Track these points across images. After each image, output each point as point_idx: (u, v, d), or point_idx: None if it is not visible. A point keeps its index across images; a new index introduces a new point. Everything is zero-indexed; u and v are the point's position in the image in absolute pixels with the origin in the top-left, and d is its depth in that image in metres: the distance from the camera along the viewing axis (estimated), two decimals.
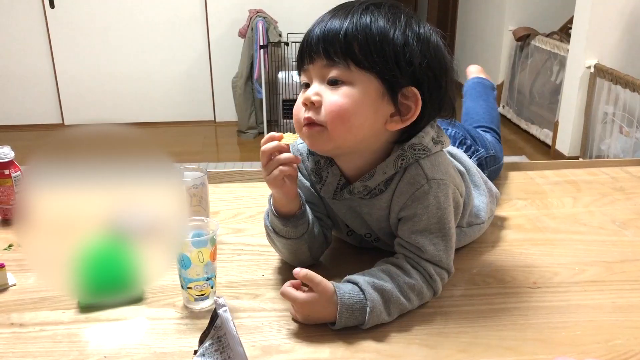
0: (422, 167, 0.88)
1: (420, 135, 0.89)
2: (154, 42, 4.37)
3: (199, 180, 1.03)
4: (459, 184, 0.94)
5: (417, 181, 0.87)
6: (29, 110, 4.46)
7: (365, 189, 0.90)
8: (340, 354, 0.77)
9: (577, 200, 1.25)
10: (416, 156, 0.88)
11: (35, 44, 4.30)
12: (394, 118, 0.86)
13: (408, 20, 0.85)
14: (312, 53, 0.86)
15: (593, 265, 0.99)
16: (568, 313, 0.86)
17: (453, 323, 0.84)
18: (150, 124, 4.55)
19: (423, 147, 0.88)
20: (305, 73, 0.89)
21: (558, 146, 3.68)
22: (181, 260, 0.84)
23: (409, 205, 0.88)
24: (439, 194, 0.87)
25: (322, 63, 0.85)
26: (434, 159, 0.89)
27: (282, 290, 0.82)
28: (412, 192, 0.88)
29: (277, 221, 0.91)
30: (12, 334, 0.82)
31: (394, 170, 0.88)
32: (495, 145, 1.30)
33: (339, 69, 0.84)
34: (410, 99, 0.85)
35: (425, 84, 0.85)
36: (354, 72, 0.83)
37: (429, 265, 0.87)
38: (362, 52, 0.83)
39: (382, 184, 0.90)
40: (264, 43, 3.91)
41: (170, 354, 0.77)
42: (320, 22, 0.87)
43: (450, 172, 0.91)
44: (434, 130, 0.91)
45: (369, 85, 0.84)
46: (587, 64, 3.35)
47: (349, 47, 0.83)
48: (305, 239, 0.93)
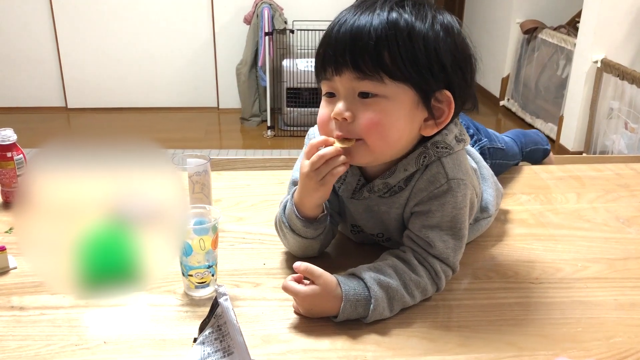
0: (444, 166, 0.87)
1: (444, 133, 0.87)
2: (158, 27, 4.35)
3: (202, 167, 1.03)
4: (477, 184, 0.93)
5: (437, 179, 0.86)
6: (33, 92, 4.45)
7: (385, 186, 0.89)
8: (340, 345, 0.77)
9: (581, 196, 1.24)
10: (439, 154, 0.87)
11: (39, 26, 4.29)
12: (428, 122, 0.84)
13: (434, 17, 0.81)
14: (339, 64, 0.81)
15: (596, 262, 0.98)
16: (570, 309, 0.86)
17: (454, 317, 0.83)
18: (154, 109, 4.54)
19: (446, 145, 0.87)
20: (329, 83, 0.84)
21: (562, 141, 3.67)
22: (182, 248, 0.84)
23: (425, 202, 0.87)
24: (457, 194, 0.86)
25: (351, 76, 0.80)
26: (456, 157, 0.88)
27: (283, 284, 0.81)
28: (431, 190, 0.87)
29: (297, 222, 0.90)
30: (12, 317, 0.81)
31: (415, 168, 0.87)
32: (508, 142, 1.29)
33: (371, 82, 0.80)
34: (443, 102, 0.83)
35: (456, 84, 0.83)
36: (388, 85, 0.80)
37: (436, 261, 0.86)
38: (394, 62, 0.79)
39: (402, 182, 0.89)
40: (269, 30, 3.89)
41: (169, 341, 0.77)
42: (341, 25, 0.81)
43: (469, 172, 0.90)
44: (457, 128, 0.89)
45: (404, 97, 0.81)
46: (594, 58, 3.33)
47: (379, 57, 0.78)
48: (320, 239, 0.93)
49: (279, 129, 4.12)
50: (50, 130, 4.12)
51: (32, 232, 1.06)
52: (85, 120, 4.39)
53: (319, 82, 0.87)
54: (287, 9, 4.19)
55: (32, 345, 0.76)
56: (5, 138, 1.11)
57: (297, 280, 0.82)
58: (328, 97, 0.86)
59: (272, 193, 1.22)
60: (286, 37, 4.10)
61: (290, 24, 4.13)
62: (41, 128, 4.10)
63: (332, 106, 0.84)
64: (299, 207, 0.90)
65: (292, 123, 4.07)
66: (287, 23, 4.07)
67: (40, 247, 1.00)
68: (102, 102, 4.50)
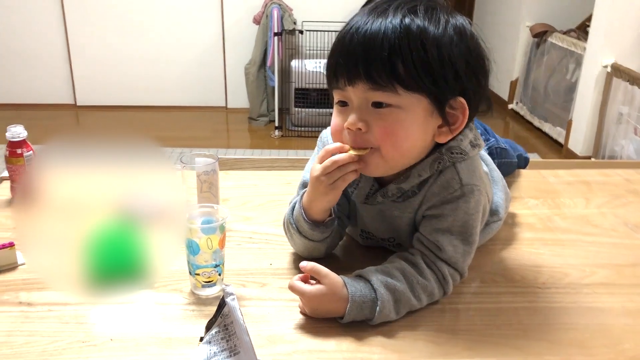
0: (458, 172, 0.86)
1: (459, 139, 0.86)
2: (168, 26, 4.37)
3: (210, 166, 1.03)
4: (490, 190, 0.93)
5: (450, 185, 0.86)
6: (42, 90, 4.48)
7: (399, 191, 0.89)
8: (345, 347, 0.77)
9: (589, 201, 1.23)
10: (453, 160, 0.86)
11: (50, 24, 4.31)
12: (443, 129, 0.84)
13: (447, 22, 0.80)
14: (352, 75, 0.80)
15: (604, 268, 0.98)
16: (577, 315, 0.85)
17: (461, 320, 0.83)
18: (162, 107, 4.56)
19: (461, 151, 0.86)
20: (341, 92, 0.83)
21: (570, 145, 3.65)
22: (190, 246, 0.84)
23: (437, 206, 0.87)
24: (470, 200, 0.86)
25: (364, 87, 0.79)
26: (471, 163, 0.88)
27: (289, 283, 0.81)
28: (444, 195, 0.86)
29: (305, 224, 0.90)
30: (20, 313, 0.82)
31: (429, 173, 0.86)
32: (510, 142, 1.29)
33: (384, 93, 0.79)
34: (457, 109, 0.83)
35: (470, 90, 0.82)
36: (402, 95, 0.79)
37: (444, 265, 0.86)
38: (407, 73, 0.77)
39: (416, 187, 0.88)
40: (278, 30, 3.89)
41: (176, 340, 0.77)
42: (353, 34, 0.79)
43: (483, 178, 0.90)
44: (472, 133, 0.89)
45: (418, 106, 0.80)
46: (604, 63, 3.32)
47: (393, 69, 0.77)
48: (327, 242, 0.93)
49: (286, 129, 4.12)
50: (59, 127, 4.14)
51: (40, 228, 1.07)
52: (93, 117, 4.41)
53: (331, 90, 0.86)
54: (297, 9, 4.20)
55: (39, 342, 0.76)
56: (16, 134, 1.12)
57: (304, 280, 0.82)
58: (340, 106, 0.85)
59: (279, 193, 1.22)
60: (295, 37, 4.11)
61: (300, 24, 4.13)
62: (50, 125, 4.12)
63: (345, 116, 0.84)
64: (307, 210, 0.90)
65: (300, 123, 4.08)
66: (296, 24, 4.08)
67: (48, 244, 1.00)
68: (111, 100, 4.52)
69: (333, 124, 0.87)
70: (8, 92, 4.44)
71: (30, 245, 0.99)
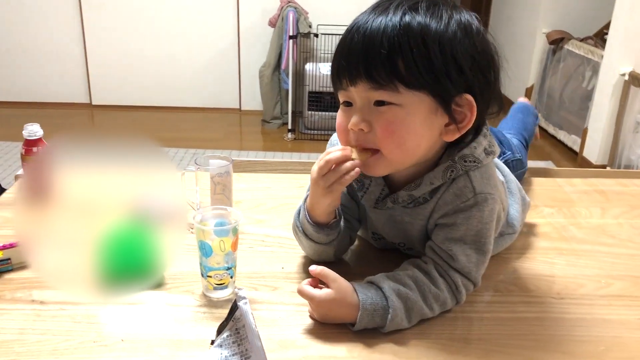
0: (471, 180, 0.84)
1: (473, 146, 0.85)
2: (184, 28, 4.39)
3: (224, 168, 1.03)
4: (504, 198, 0.91)
5: (463, 194, 0.84)
6: (58, 88, 4.52)
7: (410, 197, 0.88)
8: (357, 353, 0.76)
9: (605, 211, 1.22)
10: (466, 168, 0.84)
11: (67, 23, 4.36)
12: (450, 127, 0.82)
13: (451, 17, 0.78)
14: (353, 75, 0.79)
15: (620, 280, 0.96)
16: (592, 327, 0.84)
17: (474, 329, 0.82)
18: (176, 108, 4.58)
19: (475, 159, 0.84)
20: (345, 92, 0.83)
21: (585, 153, 3.62)
22: (202, 248, 0.84)
23: (450, 214, 0.85)
24: (484, 209, 0.84)
25: (366, 86, 0.79)
26: (484, 170, 0.86)
27: (298, 288, 0.81)
28: (457, 203, 0.85)
29: (309, 227, 0.89)
30: (32, 311, 0.82)
31: (442, 181, 0.85)
32: (521, 149, 1.27)
33: (385, 91, 0.78)
34: (464, 106, 0.80)
35: (477, 87, 0.80)
36: (403, 94, 0.78)
37: (457, 275, 0.85)
38: (408, 70, 0.76)
39: (427, 194, 0.87)
40: (293, 33, 3.90)
41: (186, 342, 0.77)
42: (354, 34, 0.79)
43: (498, 186, 0.88)
44: (486, 140, 0.87)
45: (421, 104, 0.79)
46: (621, 71, 3.28)
47: (393, 67, 0.76)
48: (334, 245, 0.92)
49: (299, 132, 4.13)
50: (74, 126, 4.18)
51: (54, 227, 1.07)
52: (108, 117, 4.44)
53: (336, 92, 0.85)
54: (312, 13, 4.20)
55: (51, 340, 0.76)
56: (32, 133, 1.12)
57: (313, 285, 0.81)
58: (345, 106, 0.85)
59: (292, 196, 1.22)
60: (310, 40, 4.12)
61: (315, 27, 4.14)
62: (66, 124, 4.16)
63: (349, 115, 0.83)
64: (311, 212, 0.89)
65: (313, 127, 4.08)
66: (311, 27, 4.08)
67: (61, 243, 1.00)
68: (126, 100, 4.55)
69: (338, 123, 0.86)
70: (25, 90, 4.49)
71: (44, 243, 0.99)
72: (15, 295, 0.86)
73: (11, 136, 3.72)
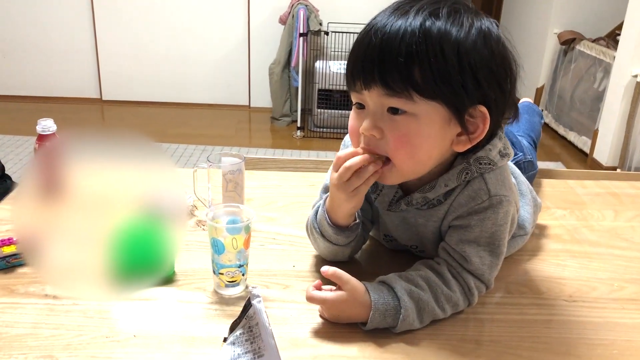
0: (486, 182, 0.84)
1: (488, 148, 0.84)
2: (195, 24, 4.40)
3: (236, 166, 1.03)
4: (518, 200, 0.90)
5: (478, 196, 0.84)
6: (69, 84, 4.54)
7: (424, 199, 0.87)
8: (368, 353, 0.76)
9: (618, 213, 1.21)
10: (481, 170, 0.83)
11: (79, 20, 4.38)
12: (461, 138, 0.81)
13: (472, 25, 0.76)
14: (368, 80, 0.77)
15: (633, 283, 0.96)
16: (605, 330, 0.83)
17: (485, 331, 0.82)
18: (186, 104, 4.59)
19: (490, 161, 0.84)
20: (358, 95, 0.81)
21: (596, 155, 3.60)
22: (215, 246, 0.84)
23: (465, 216, 0.85)
24: (499, 211, 0.84)
25: (380, 92, 0.77)
26: (499, 172, 0.85)
27: (307, 295, 0.80)
28: (472, 205, 0.84)
29: (329, 229, 0.89)
30: (46, 305, 0.83)
31: (456, 184, 0.84)
32: (531, 151, 1.27)
33: (400, 99, 0.76)
34: (477, 118, 0.79)
35: (492, 98, 0.79)
36: (418, 102, 0.76)
37: (470, 277, 0.84)
38: (424, 80, 0.74)
39: (442, 196, 0.86)
40: (304, 31, 3.90)
41: (198, 339, 0.77)
42: (371, 36, 0.76)
43: (513, 188, 0.87)
44: (501, 143, 0.86)
45: (435, 115, 0.77)
46: (633, 72, 3.26)
47: (409, 75, 0.74)
48: (351, 246, 0.92)
49: (308, 130, 4.13)
50: (84, 121, 4.20)
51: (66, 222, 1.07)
52: (118, 112, 4.46)
53: (349, 91, 0.84)
54: (323, 10, 4.20)
55: (64, 335, 0.77)
56: (46, 128, 1.13)
57: (318, 288, 0.81)
58: (358, 108, 0.83)
59: (303, 195, 1.22)
60: (320, 38, 4.11)
61: (325, 25, 4.13)
62: (76, 118, 4.18)
63: (361, 118, 0.82)
64: (331, 215, 0.89)
65: (322, 124, 4.08)
66: (322, 25, 4.08)
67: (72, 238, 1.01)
68: (136, 96, 4.57)
69: (350, 125, 0.85)
70: (36, 85, 4.52)
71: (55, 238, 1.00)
72: (29, 289, 0.86)
73: (22, 130, 3.75)
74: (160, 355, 0.74)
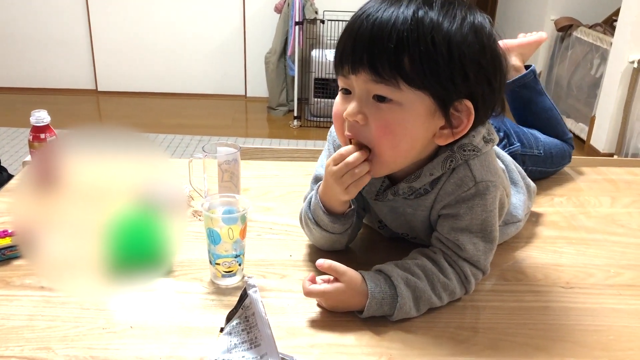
0: (471, 169, 0.84)
1: (471, 135, 0.83)
2: (190, 14, 4.37)
3: (232, 156, 1.03)
4: (507, 184, 0.90)
5: (464, 183, 0.84)
6: (64, 75, 4.51)
7: (410, 189, 0.87)
8: (365, 341, 0.76)
9: (615, 200, 1.21)
10: (465, 157, 0.83)
11: (73, 10, 4.34)
12: (444, 131, 0.80)
13: (464, 18, 0.75)
14: (356, 64, 0.77)
15: (629, 269, 0.96)
16: (601, 316, 0.83)
17: (482, 318, 0.82)
18: (182, 95, 4.57)
19: (473, 148, 0.83)
20: (345, 80, 0.81)
21: (593, 142, 3.60)
22: (211, 236, 0.84)
23: (453, 205, 0.85)
24: (486, 197, 0.84)
25: (367, 77, 0.77)
26: (484, 158, 0.85)
27: (305, 290, 0.79)
28: (459, 193, 0.84)
29: (325, 217, 0.88)
30: (42, 298, 0.83)
31: (441, 172, 0.84)
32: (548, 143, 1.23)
33: (386, 86, 0.76)
34: (462, 112, 0.79)
35: (479, 94, 0.78)
36: (404, 91, 0.75)
37: (466, 265, 0.84)
38: (413, 68, 0.74)
39: (428, 184, 0.86)
40: (299, 19, 3.87)
41: (195, 329, 0.77)
42: (363, 20, 0.76)
43: (499, 173, 0.87)
44: (484, 129, 0.85)
45: (420, 105, 0.77)
46: (630, 58, 3.25)
47: (398, 62, 0.74)
48: (348, 233, 0.92)
49: (305, 119, 4.11)
50: (79, 112, 4.18)
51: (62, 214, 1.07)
52: (114, 103, 4.44)
53: (337, 76, 0.83)
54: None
55: (61, 327, 0.77)
56: (40, 119, 1.12)
57: (312, 281, 0.81)
58: (344, 94, 0.83)
59: (299, 184, 1.21)
60: (316, 27, 4.09)
61: (321, 14, 4.11)
62: (71, 110, 4.16)
63: (346, 104, 0.81)
64: (325, 203, 0.88)
65: (319, 114, 4.07)
66: (317, 13, 4.06)
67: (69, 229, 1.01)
68: (131, 86, 4.54)
69: (335, 110, 0.85)
70: (31, 76, 4.49)
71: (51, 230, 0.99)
72: (25, 281, 0.86)
73: (17, 122, 3.72)
74: (157, 346, 0.74)
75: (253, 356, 0.67)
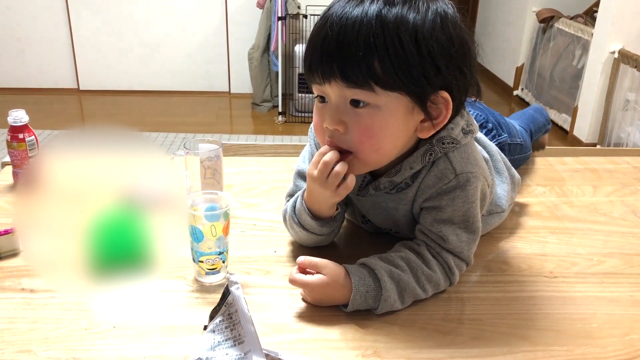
0: (451, 161, 0.84)
1: (450, 127, 0.83)
2: (171, 11, 4.33)
3: (214, 152, 1.02)
4: (488, 175, 0.90)
5: (445, 175, 0.84)
6: (45, 74, 4.46)
7: (391, 184, 0.87)
8: (350, 335, 0.76)
9: (597, 189, 1.22)
10: (445, 150, 0.83)
11: (52, 8, 4.28)
12: (425, 124, 0.80)
13: (427, 10, 0.75)
14: (326, 74, 0.76)
15: (612, 257, 0.96)
16: (585, 305, 0.84)
17: (467, 310, 0.82)
18: (165, 92, 4.54)
19: (452, 140, 0.83)
20: (319, 87, 0.80)
21: (576, 132, 3.63)
22: (193, 234, 0.83)
23: (434, 197, 0.85)
24: (467, 188, 0.84)
25: (340, 85, 0.76)
26: (464, 150, 0.85)
27: (290, 278, 0.80)
28: (440, 186, 0.84)
29: (312, 222, 0.88)
30: (22, 299, 0.81)
31: (421, 165, 0.84)
32: (524, 135, 1.26)
33: (362, 91, 0.75)
34: (440, 103, 0.79)
35: (453, 83, 0.78)
36: (379, 94, 0.75)
37: (450, 256, 0.85)
38: (385, 72, 0.73)
39: (409, 178, 0.86)
40: (282, 15, 3.86)
41: (179, 328, 0.76)
42: (327, 30, 0.75)
43: (480, 163, 0.87)
44: (463, 120, 0.85)
45: (398, 105, 0.77)
46: (611, 49, 3.28)
47: (369, 67, 0.73)
48: (334, 233, 0.92)
49: (290, 115, 4.10)
50: (61, 112, 4.13)
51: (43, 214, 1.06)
52: (96, 102, 4.40)
53: (309, 84, 0.82)
54: None
55: (42, 328, 0.76)
56: (18, 119, 1.10)
57: (302, 271, 0.81)
58: (320, 102, 0.82)
59: (283, 180, 1.21)
60: (299, 22, 4.07)
61: (304, 8, 4.09)
62: (53, 109, 4.11)
63: (324, 113, 0.81)
64: (312, 209, 0.88)
65: (304, 109, 4.06)
66: (300, 8, 4.04)
67: (50, 230, 0.99)
68: (114, 85, 4.50)
69: (314, 122, 0.84)
70: (12, 76, 4.43)
71: (32, 231, 0.98)
72: (4, 284, 0.85)
73: None
74: (141, 345, 0.73)
75: (237, 353, 0.66)
